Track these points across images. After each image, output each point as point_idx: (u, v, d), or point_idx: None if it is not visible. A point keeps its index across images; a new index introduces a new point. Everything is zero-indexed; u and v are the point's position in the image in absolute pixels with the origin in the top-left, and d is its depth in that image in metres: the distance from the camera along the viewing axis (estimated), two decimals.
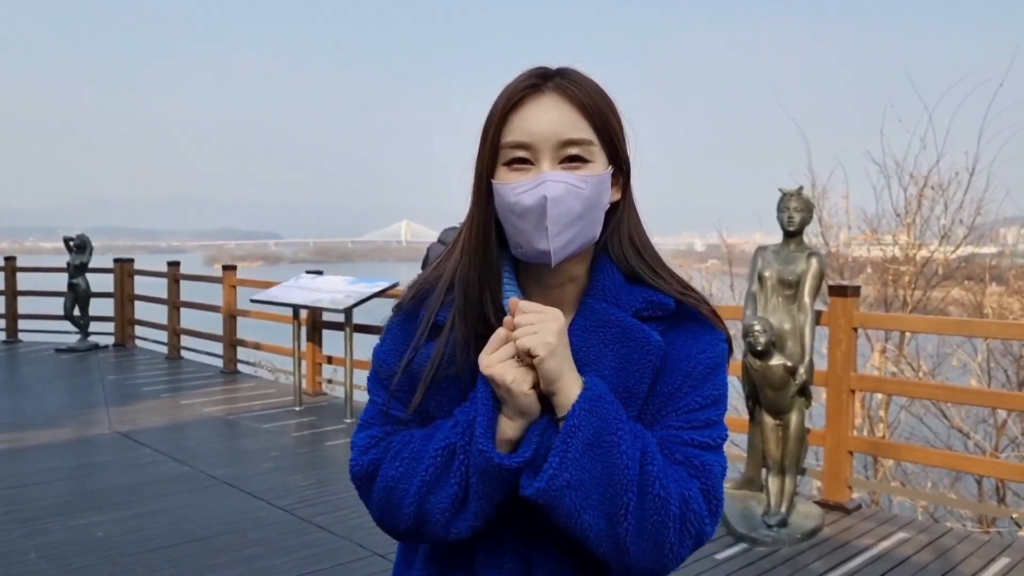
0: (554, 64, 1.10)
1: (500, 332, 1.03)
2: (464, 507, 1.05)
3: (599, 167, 1.08)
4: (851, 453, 4.94)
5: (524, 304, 1.03)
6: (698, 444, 1.08)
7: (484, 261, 1.10)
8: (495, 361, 1.02)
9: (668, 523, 1.01)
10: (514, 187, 1.05)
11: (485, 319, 1.10)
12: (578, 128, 1.06)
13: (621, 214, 1.14)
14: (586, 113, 1.07)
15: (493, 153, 1.08)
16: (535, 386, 1.02)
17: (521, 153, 1.06)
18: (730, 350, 1.16)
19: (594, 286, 1.13)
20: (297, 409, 7.44)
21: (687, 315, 1.13)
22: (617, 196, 1.13)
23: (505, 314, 1.08)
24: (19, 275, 11.58)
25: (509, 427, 1.04)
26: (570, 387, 1.02)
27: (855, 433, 5.16)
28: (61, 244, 11.07)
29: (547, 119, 1.06)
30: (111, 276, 11.25)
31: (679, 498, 1.03)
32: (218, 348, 9.80)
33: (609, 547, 1.02)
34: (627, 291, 1.12)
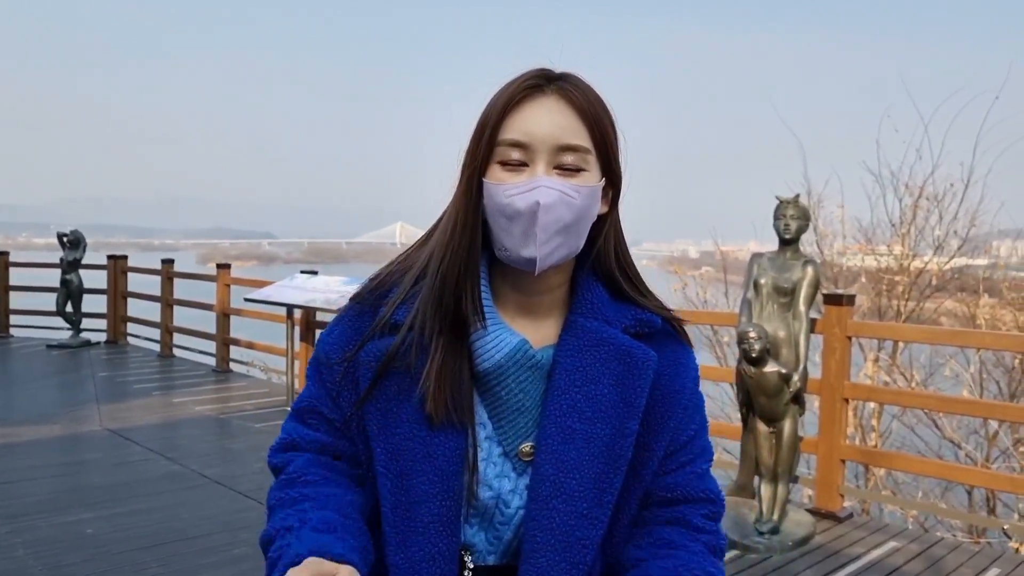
0: (558, 67, 1.08)
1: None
2: None
3: (593, 178, 1.05)
4: (843, 462, 4.95)
5: None
6: (705, 472, 1.15)
7: (468, 260, 1.06)
8: None
9: None
10: (506, 188, 1.02)
11: (456, 319, 1.06)
12: (577, 134, 1.03)
13: (608, 229, 1.11)
14: (586, 120, 1.04)
15: (488, 150, 1.04)
16: None
17: (517, 153, 1.03)
18: None
19: (580, 303, 1.10)
20: (289, 410, 7.41)
21: (666, 332, 1.15)
22: (605, 209, 1.10)
23: (482, 311, 1.06)
24: (11, 270, 11.52)
25: None
26: None
27: (847, 442, 5.16)
28: (54, 240, 11.03)
29: (547, 121, 1.03)
30: (104, 272, 11.21)
31: None
32: (211, 347, 9.77)
33: None
34: (614, 308, 1.11)
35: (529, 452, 1.07)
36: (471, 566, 1.09)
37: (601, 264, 1.12)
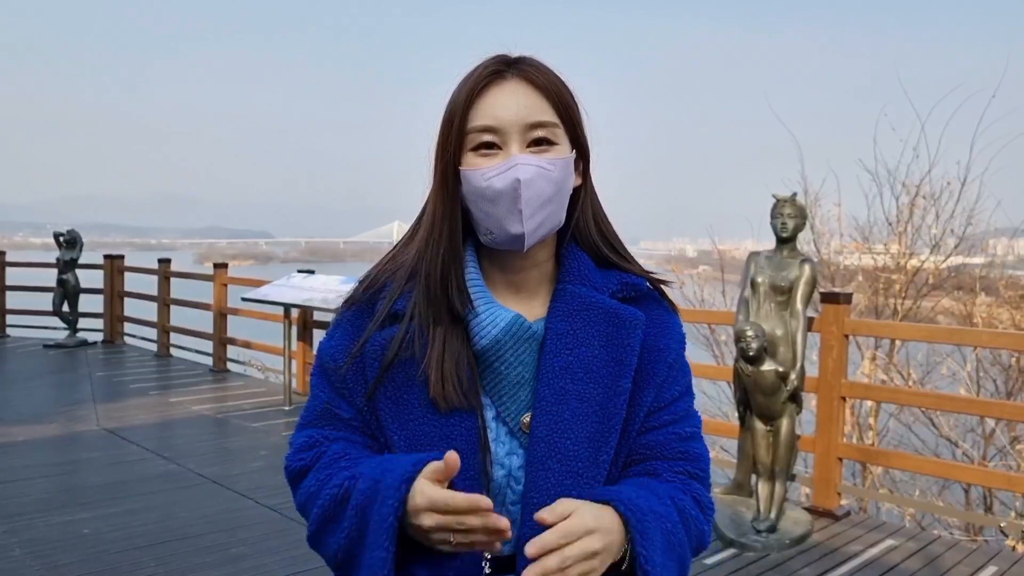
0: (514, 52, 1.12)
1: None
2: (354, 558, 1.02)
3: (564, 150, 1.09)
4: (840, 460, 4.95)
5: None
6: (688, 436, 1.14)
7: (450, 250, 1.09)
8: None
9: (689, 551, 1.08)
10: (484, 172, 1.05)
11: (450, 308, 1.08)
12: (543, 111, 1.07)
13: (584, 200, 1.15)
14: (549, 97, 1.08)
15: (459, 139, 1.07)
16: None
17: (489, 137, 1.06)
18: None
19: (567, 272, 1.13)
20: (286, 408, 7.41)
21: (651, 296, 1.18)
22: (578, 182, 1.14)
23: (470, 300, 1.08)
24: (8, 270, 11.51)
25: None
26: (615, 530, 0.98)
27: (844, 440, 5.17)
28: (51, 239, 11.01)
29: (513, 103, 1.06)
30: (101, 272, 11.19)
31: (697, 536, 1.09)
32: (208, 346, 9.76)
33: None
34: (600, 275, 1.14)
35: (530, 423, 1.09)
36: (488, 555, 1.08)
37: (582, 234, 1.15)
